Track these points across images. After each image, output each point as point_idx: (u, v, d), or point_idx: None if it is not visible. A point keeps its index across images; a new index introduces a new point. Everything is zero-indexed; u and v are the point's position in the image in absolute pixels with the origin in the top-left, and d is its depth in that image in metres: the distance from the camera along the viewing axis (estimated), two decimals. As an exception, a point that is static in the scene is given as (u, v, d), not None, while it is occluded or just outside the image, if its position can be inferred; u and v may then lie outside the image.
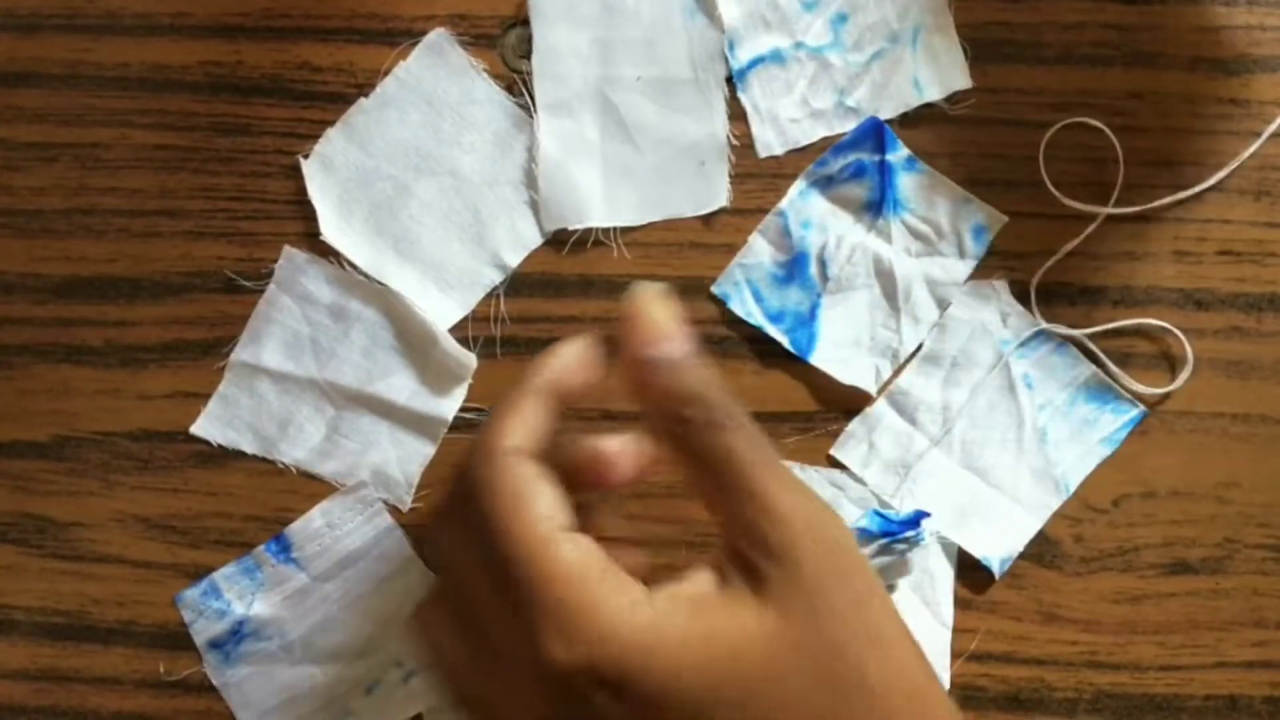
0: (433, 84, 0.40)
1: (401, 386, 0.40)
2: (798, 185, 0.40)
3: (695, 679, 0.26)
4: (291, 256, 0.40)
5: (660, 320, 0.29)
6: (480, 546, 0.28)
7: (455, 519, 0.29)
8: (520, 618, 0.26)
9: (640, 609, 0.26)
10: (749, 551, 0.27)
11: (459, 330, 0.40)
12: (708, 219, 0.40)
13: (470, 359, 0.39)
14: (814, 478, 0.39)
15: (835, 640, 0.26)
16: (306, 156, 0.39)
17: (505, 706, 0.28)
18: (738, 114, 0.40)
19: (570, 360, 0.30)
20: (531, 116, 0.39)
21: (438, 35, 0.39)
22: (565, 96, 0.39)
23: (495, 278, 0.40)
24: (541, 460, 0.28)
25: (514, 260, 0.40)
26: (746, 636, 0.26)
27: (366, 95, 0.39)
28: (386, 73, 0.39)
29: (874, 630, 0.27)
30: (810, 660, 0.26)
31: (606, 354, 0.30)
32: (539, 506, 0.27)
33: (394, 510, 0.40)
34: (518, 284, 0.40)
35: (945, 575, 0.39)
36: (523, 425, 0.29)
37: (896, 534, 0.38)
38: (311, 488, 0.40)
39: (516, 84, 0.40)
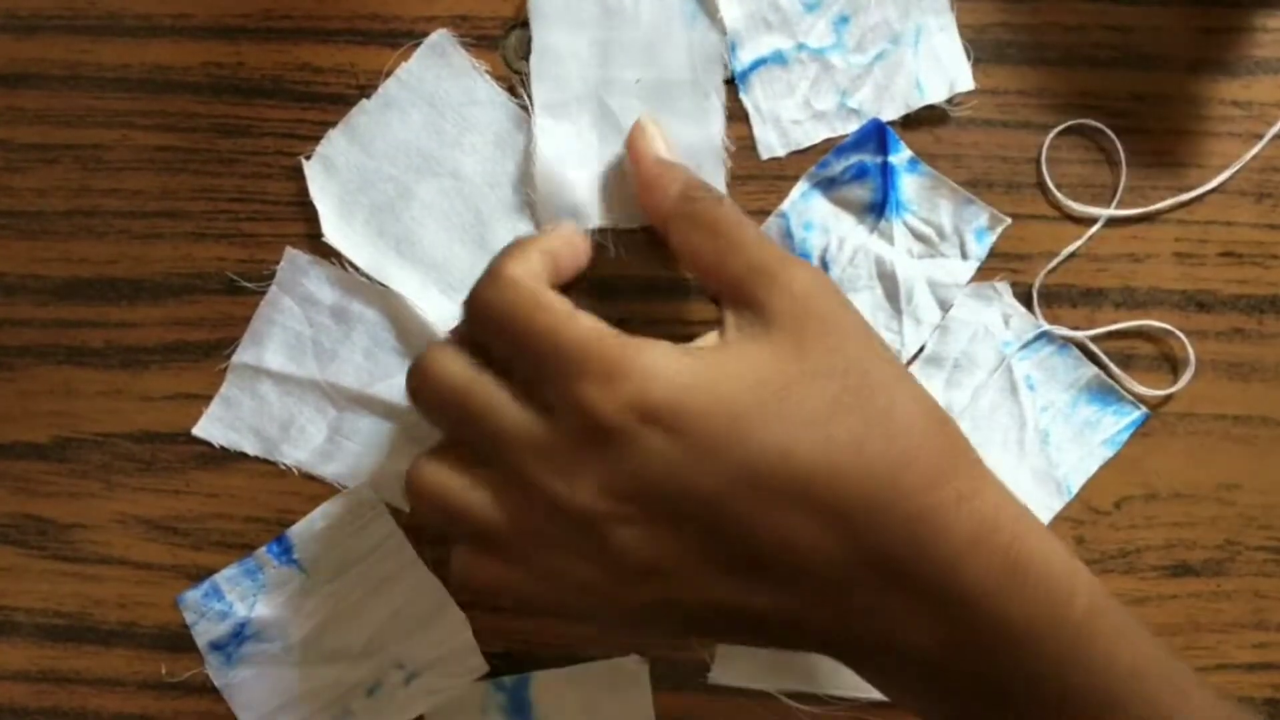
0: (434, 85, 0.39)
1: (403, 388, 0.39)
2: (799, 187, 0.39)
3: (733, 406, 0.28)
4: (293, 258, 0.39)
5: (661, 141, 0.36)
6: (501, 341, 0.30)
7: (461, 345, 0.31)
8: (559, 386, 0.28)
9: (674, 352, 0.29)
10: (762, 294, 0.30)
11: (460, 332, 0.40)
12: (709, 220, 0.40)
13: (472, 361, 0.39)
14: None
15: (849, 354, 0.30)
16: (308, 158, 0.39)
17: (552, 514, 0.29)
18: (739, 115, 0.39)
19: (569, 233, 0.34)
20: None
21: (439, 36, 0.39)
22: (564, 98, 0.39)
23: (497, 279, 0.40)
24: None
25: (515, 262, 0.40)
26: (771, 362, 0.29)
27: (368, 96, 0.39)
28: (388, 74, 0.39)
29: (882, 350, 0.31)
30: (827, 371, 0.29)
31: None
32: (556, 298, 0.30)
33: (395, 512, 0.40)
34: (519, 285, 0.40)
35: (947, 577, 0.39)
36: (528, 263, 0.31)
37: (898, 536, 0.38)
38: (313, 489, 0.40)
39: (518, 85, 0.39)
